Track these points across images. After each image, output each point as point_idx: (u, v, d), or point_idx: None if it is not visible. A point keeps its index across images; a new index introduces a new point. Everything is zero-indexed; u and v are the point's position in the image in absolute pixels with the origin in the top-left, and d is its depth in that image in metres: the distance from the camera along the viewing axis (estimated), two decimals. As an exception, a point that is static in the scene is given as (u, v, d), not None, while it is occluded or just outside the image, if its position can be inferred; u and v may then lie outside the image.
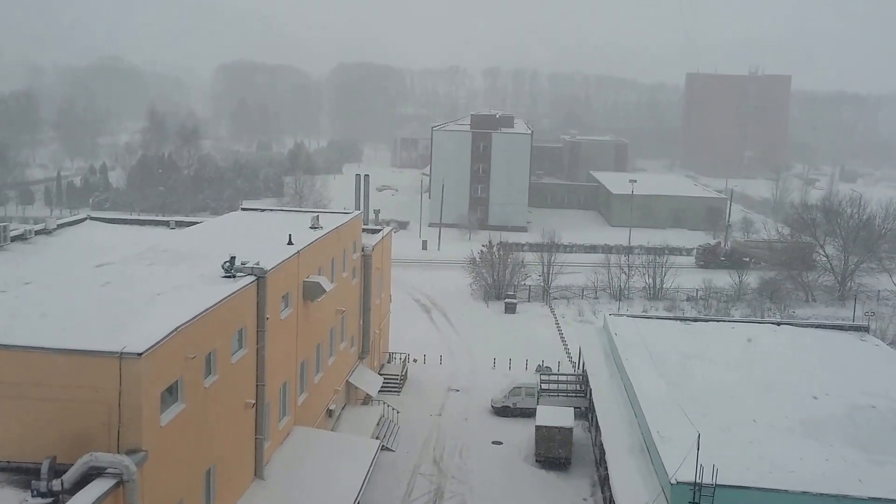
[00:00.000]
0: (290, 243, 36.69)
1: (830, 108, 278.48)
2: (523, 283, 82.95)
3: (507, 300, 78.29)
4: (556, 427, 44.02)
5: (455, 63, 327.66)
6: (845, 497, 29.69)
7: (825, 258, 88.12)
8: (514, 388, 52.15)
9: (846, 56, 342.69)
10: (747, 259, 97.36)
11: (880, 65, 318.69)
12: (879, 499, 29.63)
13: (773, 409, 38.23)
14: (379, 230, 57.00)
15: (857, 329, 53.68)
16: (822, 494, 29.83)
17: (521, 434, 48.17)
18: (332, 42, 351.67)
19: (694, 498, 29.43)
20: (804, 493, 29.87)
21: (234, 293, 28.32)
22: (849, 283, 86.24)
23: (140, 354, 21.58)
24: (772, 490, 30.04)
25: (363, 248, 49.01)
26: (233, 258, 30.73)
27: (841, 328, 54.06)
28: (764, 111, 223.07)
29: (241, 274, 30.35)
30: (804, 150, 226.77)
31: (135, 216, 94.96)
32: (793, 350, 48.09)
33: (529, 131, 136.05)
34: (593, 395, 44.40)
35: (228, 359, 28.13)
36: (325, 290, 37.33)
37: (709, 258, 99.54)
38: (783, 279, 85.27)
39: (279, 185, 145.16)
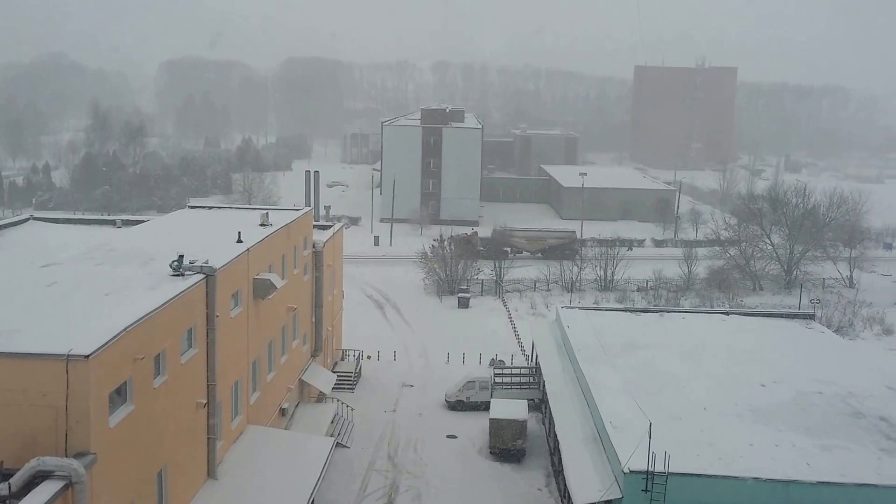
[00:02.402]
0: (239, 241, 36.27)
1: (775, 99, 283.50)
2: (476, 277, 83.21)
3: (459, 295, 78.45)
4: (509, 419, 44.25)
5: (404, 57, 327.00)
6: (794, 482, 30.27)
7: (771, 247, 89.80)
8: (468, 382, 52.29)
9: (789, 48, 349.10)
10: (507, 249, 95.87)
11: (822, 57, 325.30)
12: (827, 483, 30.27)
13: (723, 397, 38.85)
14: (330, 226, 56.63)
15: (804, 317, 54.75)
16: (771, 480, 30.38)
17: (475, 427, 48.33)
18: (280, 37, 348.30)
19: (646, 486, 29.77)
20: (754, 479, 30.39)
21: (182, 292, 27.92)
22: (795, 272, 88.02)
23: (87, 357, 21.24)
24: (722, 477, 30.52)
25: (314, 245, 48.66)
26: (181, 257, 30.28)
27: (788, 316, 55.08)
28: (711, 103, 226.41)
29: (190, 272, 29.93)
30: (750, 141, 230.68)
31: (79, 216, 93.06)
32: (741, 339, 48.92)
33: (480, 125, 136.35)
34: (546, 387, 44.68)
35: (178, 359, 27.75)
36: (276, 288, 37.01)
37: (464, 249, 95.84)
38: (731, 268, 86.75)
39: (227, 182, 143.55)
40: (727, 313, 55.74)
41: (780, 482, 30.26)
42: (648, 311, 55.90)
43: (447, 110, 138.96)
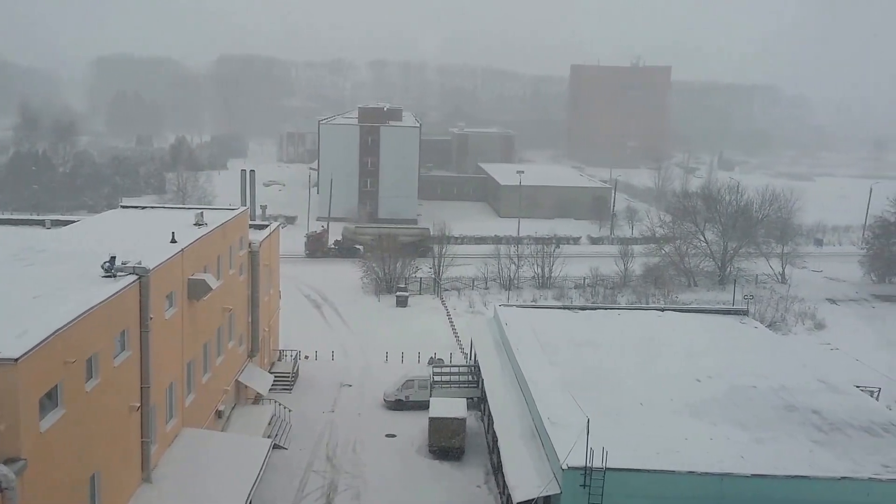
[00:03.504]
0: (173, 241, 35.64)
1: (708, 98, 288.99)
2: (414, 275, 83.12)
3: (398, 293, 78.23)
4: (448, 418, 44.31)
5: (341, 55, 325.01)
6: (728, 475, 30.85)
7: (705, 244, 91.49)
8: (407, 381, 52.20)
9: (721, 47, 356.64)
10: (358, 247, 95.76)
11: (753, 56, 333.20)
12: (761, 475, 30.93)
13: (660, 392, 39.43)
14: (266, 226, 55.96)
15: (737, 312, 55.85)
16: (706, 473, 30.91)
17: (414, 426, 48.28)
18: (213, 34, 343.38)
19: (584, 481, 30.05)
20: (690, 472, 30.89)
21: (115, 294, 27.35)
22: (728, 269, 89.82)
23: (16, 360, 20.73)
24: (659, 471, 30.96)
25: (250, 245, 48.03)
26: (113, 257, 29.64)
27: (722, 312, 56.11)
28: (645, 102, 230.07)
29: (122, 273, 29.34)
30: (684, 139, 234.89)
31: (7, 216, 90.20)
32: (677, 334, 49.71)
33: (418, 124, 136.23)
34: (485, 385, 44.82)
35: (111, 361, 27.16)
36: (211, 288, 36.41)
37: (315, 247, 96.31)
38: (666, 265, 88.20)
39: (161, 181, 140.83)
40: (662, 310, 56.59)
41: (715, 475, 30.82)
42: (585, 309, 56.45)
43: (385, 109, 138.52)
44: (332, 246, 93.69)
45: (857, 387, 43.59)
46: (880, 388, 51.57)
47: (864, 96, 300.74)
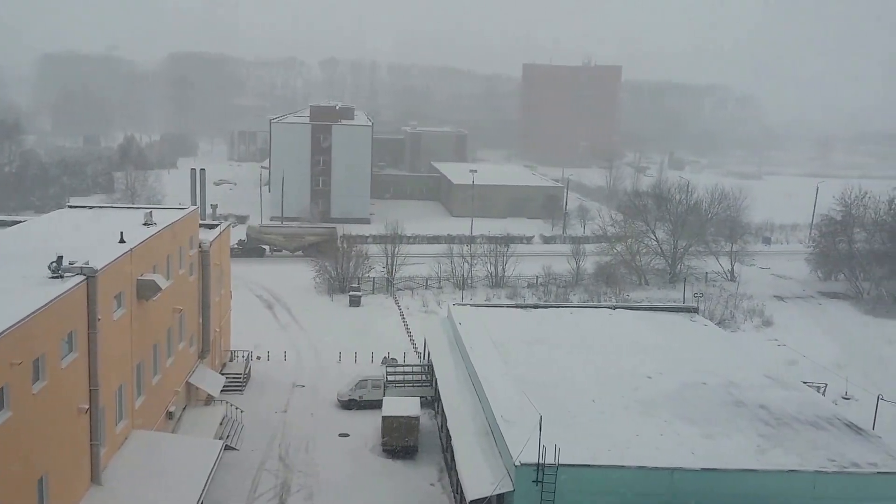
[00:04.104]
0: (121, 241, 35.09)
1: (659, 98, 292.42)
2: (367, 275, 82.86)
3: (351, 293, 77.90)
4: (402, 416, 44.30)
5: (292, 54, 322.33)
6: (678, 469, 31.34)
7: (656, 243, 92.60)
8: (360, 380, 52.05)
9: (671, 48, 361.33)
10: (265, 247, 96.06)
11: (702, 56, 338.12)
12: (710, 469, 31.47)
13: (611, 389, 39.87)
14: (217, 225, 55.42)
15: (687, 310, 56.69)
16: (657, 468, 31.37)
17: (368, 426, 48.17)
18: (163, 31, 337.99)
19: (537, 478, 30.27)
20: (641, 467, 31.31)
21: (61, 295, 26.93)
22: (679, 267, 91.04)
23: (-44, 363, 20.14)
24: (610, 466, 31.33)
25: (200, 244, 47.47)
26: (60, 258, 29.12)
27: (672, 310, 56.91)
28: (597, 101, 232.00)
29: (70, 274, 28.86)
30: (635, 139, 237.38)
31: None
32: (628, 332, 50.29)
33: (370, 123, 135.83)
34: (439, 384, 44.89)
35: (58, 363, 26.73)
36: (161, 289, 35.95)
37: None
38: (617, 264, 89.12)
39: (109, 180, 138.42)
40: (614, 308, 57.22)
41: (666, 470, 31.28)
42: (538, 307, 56.87)
43: (337, 108, 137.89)
44: (236, 246, 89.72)
45: (804, 382, 44.53)
46: (826, 384, 52.69)
47: (812, 97, 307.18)
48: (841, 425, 36.53)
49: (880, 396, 43.71)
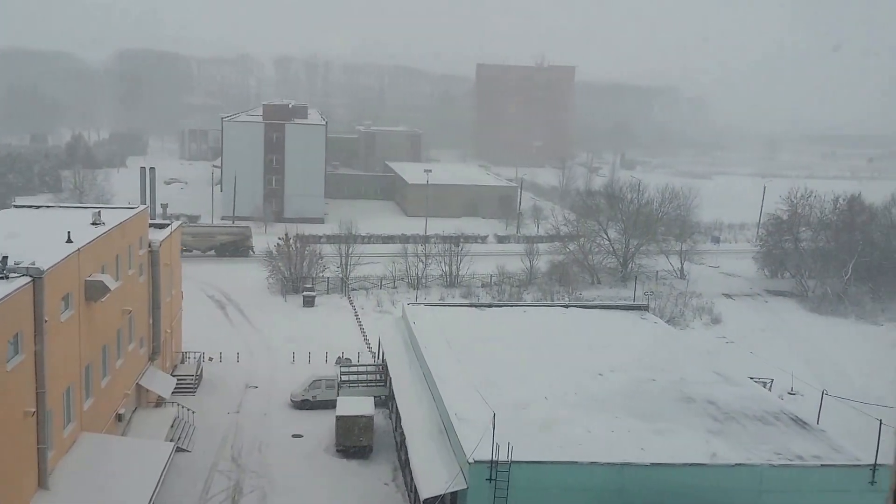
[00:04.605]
0: (69, 241, 34.52)
1: (611, 98, 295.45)
2: (321, 275, 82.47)
3: (305, 293, 77.49)
4: (356, 416, 44.23)
5: (244, 51, 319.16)
6: (629, 465, 31.77)
7: (608, 242, 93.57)
8: (314, 381, 51.86)
9: (623, 49, 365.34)
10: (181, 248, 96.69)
11: (653, 58, 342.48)
12: (659, 464, 31.95)
13: (564, 386, 40.23)
14: (167, 225, 54.78)
15: (638, 308, 57.39)
16: (608, 464, 31.76)
17: (322, 426, 48.00)
18: (112, 28, 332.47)
19: (490, 475, 30.46)
20: (592, 463, 31.68)
21: (7, 296, 26.43)
22: (630, 265, 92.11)
23: None
24: (563, 463, 31.65)
25: (150, 244, 46.91)
26: (5, 258, 28.58)
27: (623, 308, 57.58)
28: (550, 102, 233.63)
29: (15, 275, 28.32)
30: (588, 139, 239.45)
31: None
32: (580, 330, 50.79)
33: (324, 122, 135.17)
34: (393, 383, 44.91)
35: (3, 365, 26.24)
36: (110, 289, 35.45)
37: None
38: (570, 262, 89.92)
39: (57, 179, 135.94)
40: (567, 306, 57.71)
41: (617, 465, 31.69)
42: (492, 306, 57.16)
43: (290, 106, 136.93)
44: None
45: (751, 378, 45.39)
46: (772, 380, 53.76)
47: (760, 99, 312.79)
48: (787, 420, 37.33)
49: (824, 391, 44.72)
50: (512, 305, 58.44)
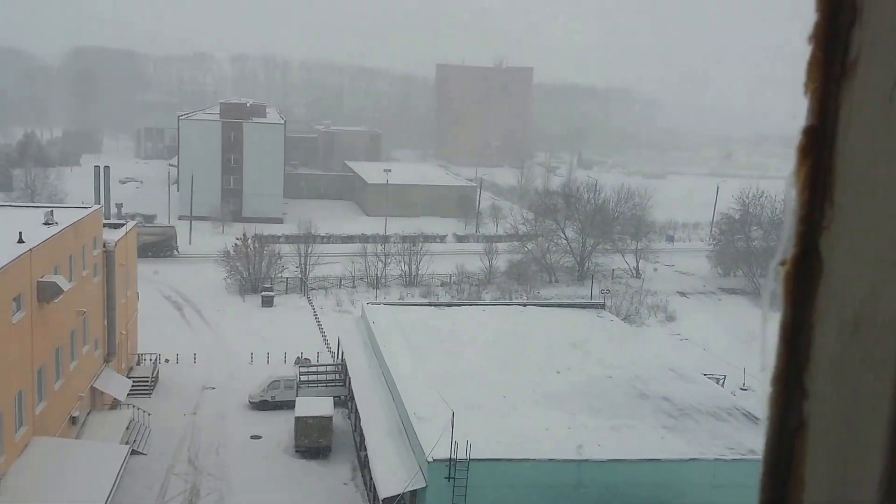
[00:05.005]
0: (20, 241, 33.96)
1: (568, 99, 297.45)
2: (280, 275, 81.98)
3: (263, 293, 76.98)
4: (315, 416, 44.12)
5: (201, 49, 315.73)
6: (586, 461, 32.14)
7: (565, 241, 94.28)
8: (273, 381, 51.59)
9: (579, 51, 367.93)
10: None
11: (608, 60, 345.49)
12: (616, 460, 32.38)
13: (522, 384, 40.53)
14: (122, 225, 54.13)
15: (595, 306, 58.02)
16: (565, 460, 32.11)
17: (280, 427, 47.73)
18: (66, 24, 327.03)
19: (449, 473, 30.61)
20: (550, 460, 32.00)
21: (-45, 297, 25.84)
22: (587, 264, 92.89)
23: None
24: (520, 460, 31.91)
25: (105, 245, 46.31)
26: (-47, 258, 28.00)
27: (580, 306, 58.15)
28: (509, 102, 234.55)
29: (-36, 275, 27.74)
30: (546, 139, 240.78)
31: None
32: (538, 328, 51.19)
33: (282, 121, 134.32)
34: (352, 383, 44.90)
35: (-49, 369, 25.67)
36: (63, 291, 34.97)
37: None
38: (529, 261, 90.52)
39: (7, 178, 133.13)
40: (525, 305, 58.12)
41: (574, 462, 32.05)
42: (451, 305, 57.37)
43: (248, 105, 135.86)
44: None
45: (705, 375, 46.16)
46: (725, 376, 54.63)
47: (712, 98, 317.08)
48: (739, 415, 38.02)
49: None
50: (471, 304, 58.74)
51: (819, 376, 1.06)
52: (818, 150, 1.07)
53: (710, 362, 57.34)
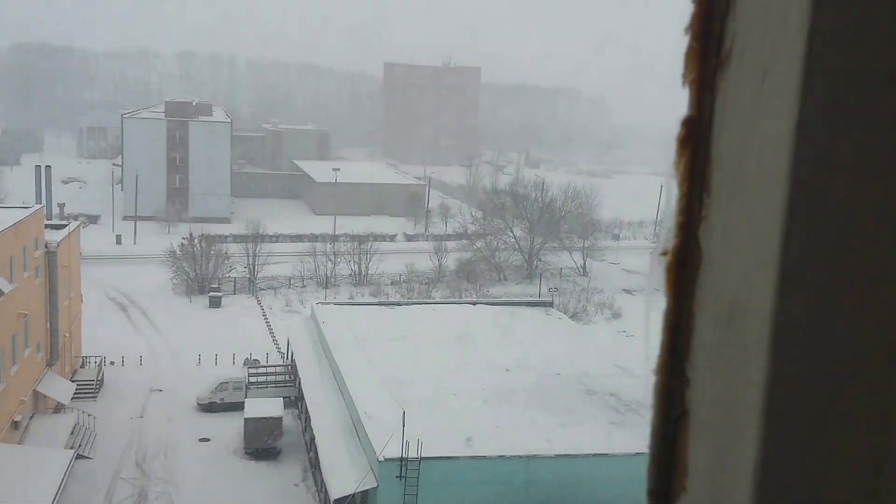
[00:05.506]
0: (-41, 242, 33.21)
1: (516, 98, 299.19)
2: (228, 275, 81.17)
3: (211, 294, 76.15)
4: (264, 418, 43.88)
5: (145, 46, 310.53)
6: (535, 457, 32.52)
7: (514, 239, 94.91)
8: (222, 383, 51.18)
9: (526, 51, 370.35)
10: None
11: (553, 58, 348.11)
12: (564, 455, 32.81)
13: (472, 382, 40.78)
14: (65, 225, 53.18)
15: (543, 304, 58.60)
16: (515, 457, 32.45)
17: (229, 429, 47.34)
18: (2, 21, 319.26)
19: (401, 472, 30.73)
20: (500, 456, 32.31)
21: None
22: (535, 262, 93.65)
23: None
24: (471, 457, 32.16)
25: (46, 246, 45.45)
26: None
27: (529, 304, 58.68)
28: (457, 101, 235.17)
29: None
30: (494, 138, 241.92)
31: None
32: (488, 327, 51.47)
33: (229, 119, 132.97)
34: (302, 384, 44.73)
35: None
36: (3, 293, 34.28)
37: None
38: (478, 260, 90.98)
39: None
40: (474, 303, 58.46)
41: (523, 458, 32.41)
42: (401, 304, 57.46)
43: (194, 103, 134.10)
44: None
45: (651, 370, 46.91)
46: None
47: (659, 96, 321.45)
48: (685, 410, 38.73)
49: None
50: (421, 303, 58.91)
51: (699, 365, 1.08)
52: (696, 140, 1.10)
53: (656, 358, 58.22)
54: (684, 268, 1.09)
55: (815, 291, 0.87)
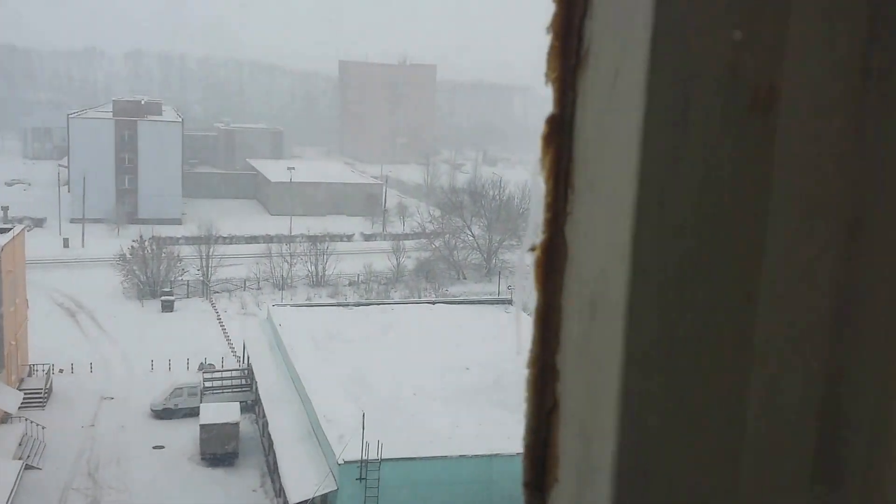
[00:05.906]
0: None
1: (472, 97, 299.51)
2: (180, 278, 79.61)
3: (163, 298, 74.63)
4: (220, 423, 43.04)
5: (92, 44, 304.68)
6: (496, 455, 32.10)
7: (472, 238, 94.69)
8: (176, 389, 50.16)
9: (482, 48, 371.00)
10: None
11: (511, 57, 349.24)
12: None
13: (432, 382, 40.33)
14: (9, 229, 51.69)
15: (502, 302, 58.35)
16: (476, 455, 32.02)
17: (185, 435, 46.30)
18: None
19: (361, 474, 30.16)
20: (461, 456, 31.86)
21: None
22: (494, 261, 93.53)
23: None
24: (432, 458, 31.67)
25: (-9, 250, 44.03)
26: None
27: (488, 302, 58.41)
28: (413, 99, 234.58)
29: None
30: (451, 136, 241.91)
31: None
32: (448, 326, 51.07)
33: (180, 119, 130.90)
34: (259, 388, 43.92)
35: None
36: (-55, 299, 32.94)
37: None
38: (437, 259, 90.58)
39: None
40: (434, 303, 58.04)
41: (485, 457, 32.00)
42: (360, 305, 56.82)
43: (143, 102, 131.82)
44: None
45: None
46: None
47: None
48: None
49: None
50: (379, 304, 58.33)
51: (567, 357, 1.10)
52: (560, 138, 1.12)
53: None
54: (552, 262, 1.13)
55: (666, 284, 0.90)
